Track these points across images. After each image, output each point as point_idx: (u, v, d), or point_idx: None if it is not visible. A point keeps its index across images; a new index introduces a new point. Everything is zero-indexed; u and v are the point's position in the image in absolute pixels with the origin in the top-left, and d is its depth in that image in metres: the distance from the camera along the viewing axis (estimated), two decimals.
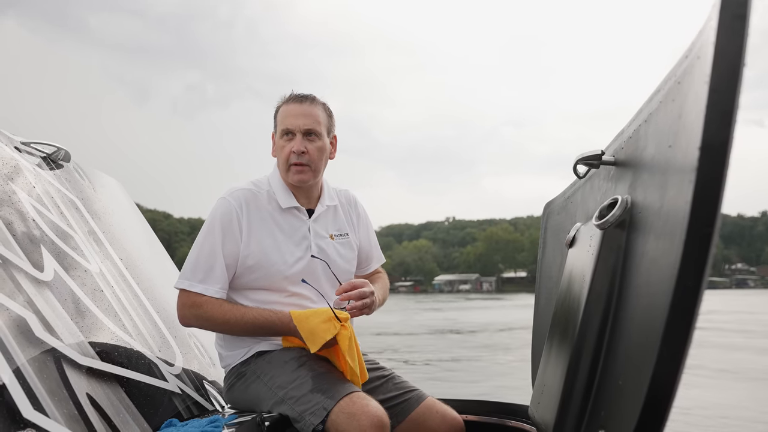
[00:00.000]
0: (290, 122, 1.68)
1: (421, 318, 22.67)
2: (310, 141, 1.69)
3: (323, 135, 1.72)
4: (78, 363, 1.39)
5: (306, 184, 1.71)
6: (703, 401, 5.90)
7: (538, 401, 1.42)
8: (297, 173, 1.68)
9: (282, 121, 1.71)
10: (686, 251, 0.64)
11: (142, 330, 1.77)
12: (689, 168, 0.68)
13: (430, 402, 1.71)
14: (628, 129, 1.20)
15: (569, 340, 1.18)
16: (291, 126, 1.68)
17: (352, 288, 1.62)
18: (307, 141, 1.68)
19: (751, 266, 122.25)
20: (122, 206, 2.35)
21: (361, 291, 1.62)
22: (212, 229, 1.64)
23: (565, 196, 1.82)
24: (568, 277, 1.40)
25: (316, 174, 1.73)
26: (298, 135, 1.68)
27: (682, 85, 0.86)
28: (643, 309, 0.85)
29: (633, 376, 0.81)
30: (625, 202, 1.07)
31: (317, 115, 1.71)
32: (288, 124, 1.68)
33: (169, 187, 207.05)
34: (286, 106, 1.72)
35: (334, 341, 1.55)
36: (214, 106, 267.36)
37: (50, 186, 1.88)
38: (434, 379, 7.57)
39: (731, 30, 0.62)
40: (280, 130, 1.71)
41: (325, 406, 1.43)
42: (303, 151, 1.67)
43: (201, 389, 1.85)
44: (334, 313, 1.56)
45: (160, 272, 2.26)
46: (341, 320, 1.56)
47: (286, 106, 1.72)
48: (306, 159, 1.68)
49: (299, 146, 1.66)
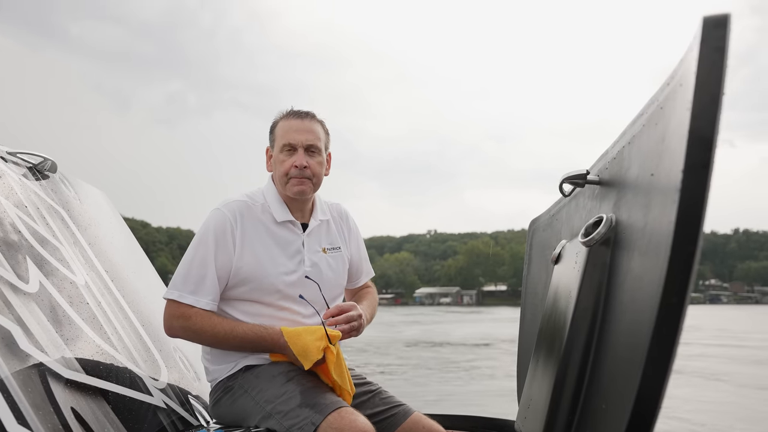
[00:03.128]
0: (292, 137, 1.69)
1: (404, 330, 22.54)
2: (311, 156, 1.71)
3: (323, 151, 1.75)
4: (62, 376, 1.37)
5: (305, 196, 1.72)
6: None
7: (525, 416, 1.44)
8: (297, 185, 1.69)
9: (283, 136, 1.71)
10: (670, 269, 0.67)
11: (127, 343, 1.75)
12: (673, 189, 0.71)
13: (417, 417, 1.71)
14: (612, 150, 1.24)
15: (555, 355, 1.21)
16: (293, 141, 1.69)
17: (340, 312, 1.64)
18: (308, 156, 1.70)
19: (724, 282, 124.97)
20: (108, 218, 2.34)
21: (348, 315, 1.64)
22: (205, 239, 1.63)
23: (550, 214, 1.86)
24: (554, 293, 1.43)
25: (316, 187, 1.75)
26: (300, 150, 1.69)
27: (665, 110, 0.90)
28: (628, 324, 0.88)
29: (619, 390, 0.84)
30: (610, 220, 1.11)
31: (318, 132, 1.74)
32: (290, 138, 1.69)
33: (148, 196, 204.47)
34: (287, 122, 1.73)
35: (323, 359, 1.56)
36: (196, 115, 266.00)
37: (36, 196, 1.86)
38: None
39: (711, 62, 0.66)
40: (280, 144, 1.71)
41: (313, 420, 1.43)
42: (305, 165, 1.68)
43: (186, 404, 1.83)
44: (326, 332, 1.57)
45: (145, 285, 2.24)
46: (331, 338, 1.57)
47: (287, 122, 1.73)
48: (308, 173, 1.69)
49: (302, 161, 1.68)
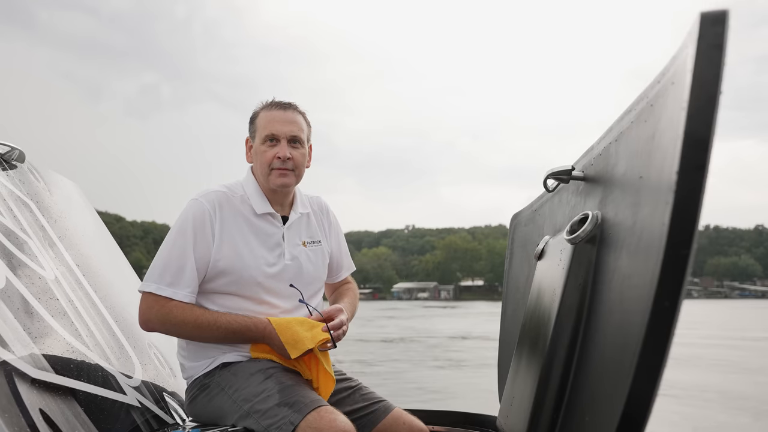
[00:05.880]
0: (275, 128, 1.66)
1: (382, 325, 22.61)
2: (294, 148, 1.68)
3: (305, 143, 1.73)
4: (30, 376, 1.32)
5: (288, 188, 1.69)
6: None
7: (507, 413, 1.43)
8: (280, 176, 1.66)
9: (266, 126, 1.67)
10: (664, 271, 0.66)
11: (99, 340, 1.69)
12: (666, 189, 0.70)
13: (397, 413, 1.70)
14: (598, 146, 1.23)
15: (540, 352, 1.20)
16: (276, 132, 1.66)
17: (329, 319, 1.63)
18: (291, 147, 1.67)
19: (694, 277, 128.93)
20: (79, 209, 2.25)
21: (341, 320, 1.64)
22: (184, 230, 1.59)
23: (532, 209, 1.85)
24: (538, 290, 1.42)
25: (299, 179, 1.72)
26: (283, 141, 1.66)
27: (655, 108, 0.89)
28: (617, 324, 0.87)
29: (607, 390, 0.83)
30: (596, 217, 1.10)
31: (301, 123, 1.71)
32: (273, 129, 1.66)
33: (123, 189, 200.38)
34: (269, 112, 1.69)
35: (310, 350, 1.54)
36: (171, 108, 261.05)
37: (2, 187, 1.78)
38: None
39: (708, 59, 0.65)
40: (262, 135, 1.67)
41: (292, 420, 1.40)
42: (289, 157, 1.65)
43: (161, 402, 1.78)
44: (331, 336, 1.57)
45: (118, 279, 2.17)
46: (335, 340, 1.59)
47: (269, 112, 1.69)
48: (291, 165, 1.67)
49: (285, 152, 1.65)
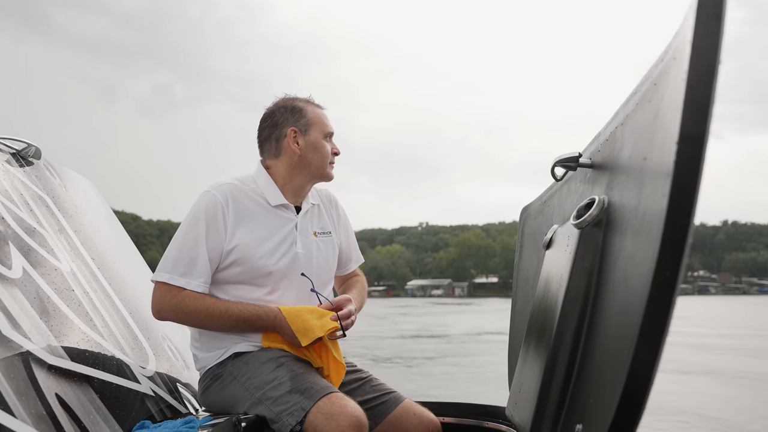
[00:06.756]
0: (329, 126, 1.81)
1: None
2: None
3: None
4: (47, 363, 1.35)
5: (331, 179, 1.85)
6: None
7: (515, 401, 1.43)
8: (333, 169, 1.82)
9: (324, 123, 1.79)
10: (664, 242, 0.66)
11: (113, 331, 1.72)
12: (667, 161, 0.69)
13: (408, 404, 1.70)
14: (605, 132, 1.22)
15: (546, 339, 1.20)
16: (331, 129, 1.81)
17: (339, 308, 1.66)
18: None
19: (712, 273, 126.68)
20: (94, 205, 2.30)
21: (349, 310, 1.68)
22: (196, 221, 1.62)
23: (542, 200, 1.85)
24: (546, 278, 1.41)
25: None
26: (333, 139, 1.82)
27: (658, 86, 0.89)
28: (621, 303, 0.86)
29: (610, 367, 0.83)
30: (602, 201, 1.10)
31: None
32: (330, 127, 1.81)
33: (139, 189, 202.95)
34: (317, 109, 1.80)
35: (320, 338, 1.57)
36: (184, 107, 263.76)
37: (19, 183, 1.82)
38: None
39: (708, 29, 0.65)
40: (324, 131, 1.78)
41: (303, 406, 1.41)
42: (338, 152, 1.82)
43: (174, 392, 1.81)
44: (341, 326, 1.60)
45: (132, 273, 2.20)
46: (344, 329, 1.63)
47: (317, 109, 1.80)
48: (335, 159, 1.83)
49: (337, 148, 1.82)
